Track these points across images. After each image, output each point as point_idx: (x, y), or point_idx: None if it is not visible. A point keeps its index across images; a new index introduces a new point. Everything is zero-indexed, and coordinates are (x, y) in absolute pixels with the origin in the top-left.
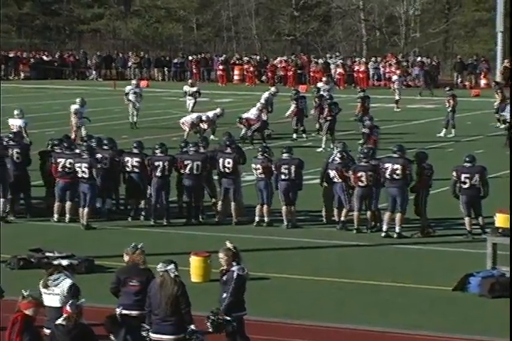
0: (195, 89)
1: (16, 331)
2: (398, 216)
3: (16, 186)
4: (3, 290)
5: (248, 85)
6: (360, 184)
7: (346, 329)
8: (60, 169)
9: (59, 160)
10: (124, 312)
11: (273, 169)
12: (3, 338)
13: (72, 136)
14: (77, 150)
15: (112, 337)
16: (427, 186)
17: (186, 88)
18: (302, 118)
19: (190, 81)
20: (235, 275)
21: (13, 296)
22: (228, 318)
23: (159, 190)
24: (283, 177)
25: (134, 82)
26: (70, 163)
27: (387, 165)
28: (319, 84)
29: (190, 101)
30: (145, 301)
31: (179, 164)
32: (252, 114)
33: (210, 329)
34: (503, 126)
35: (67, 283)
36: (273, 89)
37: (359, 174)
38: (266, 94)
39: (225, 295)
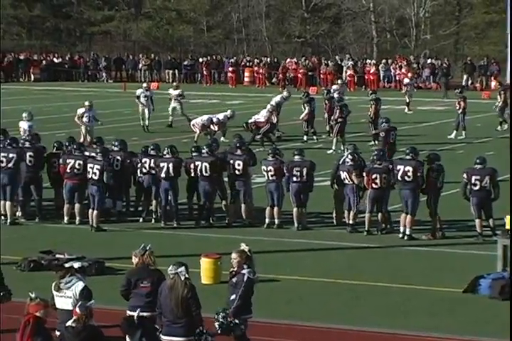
0: (177, 92)
1: (28, 333)
2: (408, 218)
3: (27, 188)
4: (11, 293)
5: (258, 87)
6: (374, 186)
7: (356, 331)
8: (68, 170)
9: (68, 161)
10: (131, 313)
11: (284, 171)
12: (14, 340)
13: (81, 139)
14: (87, 153)
15: (128, 339)
16: (434, 188)
17: (171, 91)
18: (313, 120)
19: (174, 84)
20: (245, 278)
21: (23, 298)
22: (237, 321)
23: (166, 191)
24: (294, 179)
25: (144, 85)
26: (80, 165)
27: (399, 167)
28: (334, 87)
29: (175, 105)
30: (156, 302)
31: (188, 166)
32: (262, 115)
33: (219, 332)
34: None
35: (79, 285)
36: (285, 93)
37: (373, 176)
38: (278, 98)
39: (233, 297)
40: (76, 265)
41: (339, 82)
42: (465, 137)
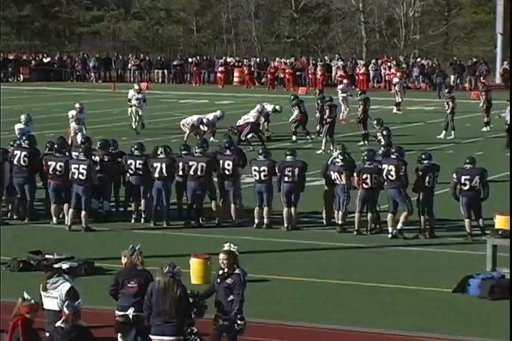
0: (141, 96)
1: (20, 335)
2: (404, 214)
3: (22, 188)
4: None
5: (249, 87)
6: (365, 186)
7: (347, 331)
8: (51, 171)
9: (50, 163)
10: (120, 313)
11: (277, 171)
12: None
13: (69, 142)
14: (74, 153)
15: (120, 339)
16: (420, 187)
17: (131, 93)
18: (306, 121)
19: (136, 86)
20: (241, 278)
21: (12, 299)
22: (243, 321)
23: (158, 191)
24: (286, 179)
25: (136, 87)
26: (61, 166)
27: (384, 166)
28: (340, 86)
29: (135, 108)
30: (142, 303)
31: (182, 166)
32: (251, 115)
33: (226, 333)
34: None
35: (65, 286)
36: (278, 107)
37: (364, 176)
38: (269, 108)
39: (231, 298)
40: (65, 266)
41: (345, 81)
42: (454, 137)
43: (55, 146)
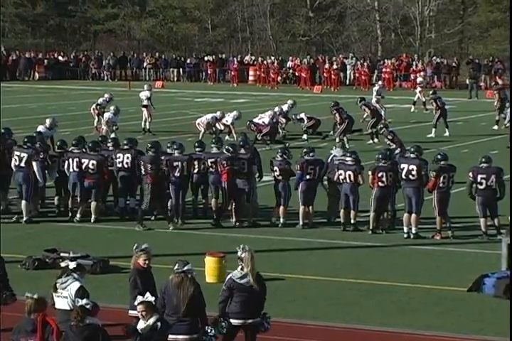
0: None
1: (56, 332)
2: (413, 217)
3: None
4: (15, 294)
5: (264, 85)
6: (380, 184)
7: (361, 330)
8: (84, 170)
9: (83, 160)
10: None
11: (297, 169)
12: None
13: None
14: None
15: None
16: (433, 188)
17: (100, 100)
18: (319, 125)
19: (106, 95)
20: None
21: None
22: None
23: (178, 189)
24: (308, 177)
25: (106, 95)
26: (93, 165)
27: (403, 165)
28: (375, 88)
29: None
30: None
31: (200, 163)
32: (267, 115)
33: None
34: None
35: (74, 286)
36: (290, 101)
37: (380, 174)
38: (285, 107)
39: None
40: (72, 265)
41: (379, 83)
42: (433, 136)
43: (90, 145)
